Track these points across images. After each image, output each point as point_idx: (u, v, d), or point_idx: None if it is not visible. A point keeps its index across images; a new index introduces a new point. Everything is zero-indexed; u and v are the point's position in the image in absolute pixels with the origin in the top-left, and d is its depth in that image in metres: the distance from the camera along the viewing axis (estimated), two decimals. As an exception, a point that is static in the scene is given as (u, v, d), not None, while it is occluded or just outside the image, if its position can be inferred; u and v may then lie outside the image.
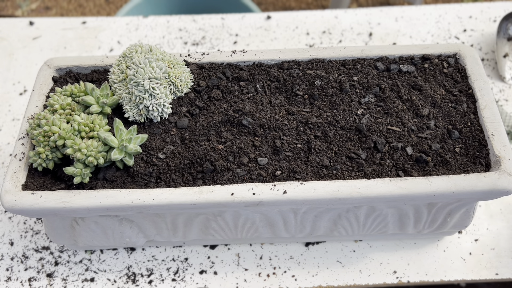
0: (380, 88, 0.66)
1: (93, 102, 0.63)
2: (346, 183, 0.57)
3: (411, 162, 0.60)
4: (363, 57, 0.70)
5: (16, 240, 0.74)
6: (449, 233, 0.70)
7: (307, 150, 0.61)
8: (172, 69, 0.65)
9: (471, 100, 0.66)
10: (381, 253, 0.72)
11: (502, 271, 0.70)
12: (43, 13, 1.90)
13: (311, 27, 1.00)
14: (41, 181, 0.60)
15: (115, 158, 0.57)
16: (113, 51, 0.97)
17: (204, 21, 1.02)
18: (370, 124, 0.62)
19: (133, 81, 0.62)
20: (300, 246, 0.73)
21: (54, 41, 0.99)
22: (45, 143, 0.58)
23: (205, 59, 0.70)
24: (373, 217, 0.64)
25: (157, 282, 0.70)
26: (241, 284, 0.70)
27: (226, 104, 0.65)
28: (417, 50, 0.70)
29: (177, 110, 0.65)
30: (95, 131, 0.59)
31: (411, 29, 0.99)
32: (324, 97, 0.66)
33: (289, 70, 0.69)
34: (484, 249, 0.72)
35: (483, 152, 0.61)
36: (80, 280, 0.70)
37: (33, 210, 0.56)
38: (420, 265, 0.71)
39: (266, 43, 0.98)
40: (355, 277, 0.70)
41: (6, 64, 0.96)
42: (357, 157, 0.60)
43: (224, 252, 0.73)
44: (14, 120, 0.87)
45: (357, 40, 0.98)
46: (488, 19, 1.01)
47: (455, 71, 0.68)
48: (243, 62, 0.70)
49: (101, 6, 1.93)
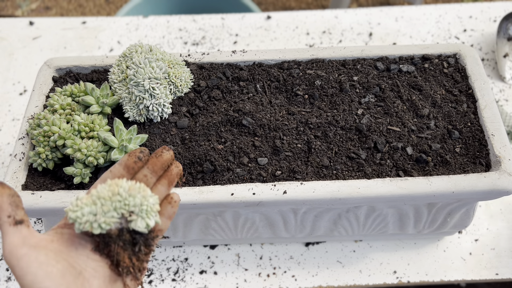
0: (380, 88, 0.66)
1: (93, 102, 0.63)
2: (346, 183, 0.57)
3: (411, 162, 0.60)
4: (363, 57, 0.70)
5: (16, 240, 0.73)
6: (449, 233, 0.70)
7: (307, 150, 0.61)
8: (172, 69, 0.65)
9: (471, 100, 0.66)
10: (381, 253, 0.72)
11: (502, 271, 0.70)
12: (43, 13, 1.90)
13: (311, 27, 1.00)
14: (41, 181, 0.60)
15: (115, 158, 0.57)
16: (113, 51, 0.97)
17: (204, 21, 1.02)
18: (370, 124, 0.62)
19: (133, 81, 0.62)
20: (300, 246, 0.73)
21: (54, 41, 0.99)
22: (45, 143, 0.58)
23: (205, 59, 0.70)
24: (373, 217, 0.64)
25: (157, 282, 0.70)
26: (241, 284, 0.70)
27: (226, 104, 0.65)
28: (417, 50, 0.70)
29: (177, 110, 0.65)
30: (95, 131, 0.59)
31: (411, 29, 0.99)
32: (324, 97, 0.66)
33: (289, 70, 0.69)
34: (484, 249, 0.72)
35: (483, 152, 0.61)
36: (80, 280, 0.70)
37: (33, 210, 0.56)
38: (420, 265, 0.71)
39: (266, 43, 0.98)
40: (355, 277, 0.70)
41: (6, 64, 0.96)
42: (357, 157, 0.60)
43: (224, 252, 0.73)
44: (14, 120, 0.87)
45: (357, 40, 0.98)
46: (488, 19, 1.01)
47: (455, 71, 0.68)
48: (243, 62, 0.70)
49: (101, 6, 1.93)
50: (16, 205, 0.40)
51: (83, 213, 0.40)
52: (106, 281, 0.41)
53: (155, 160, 0.45)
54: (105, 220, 0.40)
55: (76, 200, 0.41)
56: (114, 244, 0.41)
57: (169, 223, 0.45)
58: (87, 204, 0.40)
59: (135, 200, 0.40)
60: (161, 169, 0.46)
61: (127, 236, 0.41)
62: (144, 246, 0.42)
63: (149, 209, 0.41)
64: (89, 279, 0.40)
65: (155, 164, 0.45)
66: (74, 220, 0.40)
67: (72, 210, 0.40)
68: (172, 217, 0.45)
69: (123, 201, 0.40)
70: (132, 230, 0.41)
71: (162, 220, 0.44)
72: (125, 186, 0.41)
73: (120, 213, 0.40)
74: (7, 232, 0.39)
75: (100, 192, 0.41)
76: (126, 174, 0.44)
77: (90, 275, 0.40)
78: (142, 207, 0.41)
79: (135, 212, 0.40)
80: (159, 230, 0.44)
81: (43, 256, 0.39)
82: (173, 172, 0.46)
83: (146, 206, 0.41)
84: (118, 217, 0.40)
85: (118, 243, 0.41)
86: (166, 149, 0.46)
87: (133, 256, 0.42)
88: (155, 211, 0.42)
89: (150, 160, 0.45)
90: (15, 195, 0.41)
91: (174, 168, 0.46)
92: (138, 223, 0.40)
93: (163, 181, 0.45)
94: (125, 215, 0.40)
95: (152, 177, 0.45)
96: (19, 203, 0.41)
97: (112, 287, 0.41)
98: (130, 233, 0.42)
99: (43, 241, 0.40)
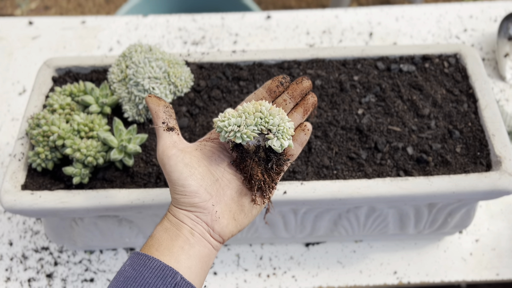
0: (381, 88, 0.66)
1: (93, 102, 0.63)
2: (347, 183, 0.57)
3: (412, 162, 0.60)
4: (364, 57, 0.70)
5: (16, 241, 0.73)
6: (450, 233, 0.70)
7: (308, 150, 0.61)
8: (172, 69, 0.65)
9: (471, 100, 0.65)
10: (382, 253, 0.72)
11: (502, 272, 0.70)
12: (42, 12, 1.90)
13: (311, 26, 1.00)
14: (41, 181, 0.59)
15: (114, 158, 0.57)
16: (112, 51, 0.97)
17: (204, 21, 1.01)
18: (370, 124, 0.62)
19: (133, 80, 0.62)
20: (300, 247, 0.73)
21: (53, 41, 0.99)
22: (45, 143, 0.58)
23: (205, 59, 0.70)
24: (374, 217, 0.63)
25: (157, 283, 0.70)
26: (241, 284, 0.70)
27: (226, 104, 0.65)
28: (417, 50, 0.70)
29: (177, 110, 0.65)
30: (95, 131, 0.59)
31: (412, 29, 0.99)
32: (325, 97, 0.66)
33: (289, 69, 0.68)
34: (485, 250, 0.72)
35: (483, 152, 0.60)
36: (80, 281, 0.70)
37: (32, 210, 0.56)
38: (421, 265, 0.71)
39: (266, 43, 0.97)
40: (355, 277, 0.70)
41: (6, 64, 0.96)
42: (357, 157, 0.60)
43: (224, 252, 0.72)
44: (14, 120, 0.87)
45: (358, 40, 0.97)
46: (489, 18, 1.00)
47: (455, 71, 0.68)
48: (243, 62, 0.69)
49: (101, 5, 1.92)
50: (170, 115, 0.47)
51: (230, 123, 0.44)
52: (238, 193, 0.46)
53: (295, 86, 0.49)
54: (247, 131, 0.44)
55: (224, 112, 0.45)
56: (250, 159, 0.46)
57: (300, 149, 0.49)
58: (233, 116, 0.45)
59: (274, 120, 0.44)
60: (299, 96, 0.49)
61: (262, 154, 0.46)
62: (276, 165, 0.46)
63: (285, 131, 0.45)
64: (224, 187, 0.46)
65: (295, 90, 0.49)
66: (221, 129, 0.45)
67: (220, 120, 0.45)
68: (304, 144, 0.49)
69: (264, 118, 0.44)
70: (268, 147, 0.46)
71: (295, 145, 0.48)
72: (267, 106, 0.45)
73: (260, 128, 0.45)
74: (161, 135, 0.46)
75: (246, 107, 0.45)
76: (267, 96, 0.48)
77: (225, 185, 0.46)
78: (279, 127, 0.45)
79: (273, 131, 0.44)
80: (291, 154, 0.48)
81: (188, 158, 0.45)
82: (309, 102, 0.50)
83: (283, 127, 0.45)
84: (258, 132, 0.45)
85: (254, 158, 0.46)
86: (306, 78, 0.50)
87: (265, 173, 0.46)
88: (290, 134, 0.45)
89: (291, 86, 0.49)
90: (169, 107, 0.48)
91: (310, 97, 0.50)
92: (274, 142, 0.44)
93: (299, 109, 0.49)
94: (264, 131, 0.45)
95: (291, 102, 0.49)
96: (172, 113, 0.48)
97: (241, 199, 0.46)
98: (265, 151, 0.46)
99: (189, 148, 0.46)
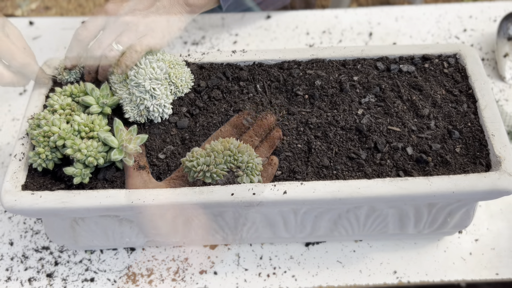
0: (381, 88, 0.66)
1: (93, 102, 0.63)
2: (346, 183, 0.57)
3: (412, 162, 0.60)
4: (363, 57, 0.70)
5: (16, 240, 0.73)
6: (449, 233, 0.70)
7: (307, 150, 0.61)
8: (172, 70, 0.65)
9: (471, 100, 0.66)
10: (381, 253, 0.72)
11: (502, 271, 0.70)
12: (42, 13, 1.90)
13: (311, 26, 1.00)
14: (41, 181, 0.60)
15: (115, 158, 0.57)
16: (113, 51, 0.97)
17: (204, 21, 1.01)
18: (370, 124, 0.62)
19: (134, 81, 0.62)
20: (300, 246, 0.73)
21: (53, 41, 0.99)
22: (45, 143, 0.58)
23: (205, 59, 0.70)
24: (373, 217, 0.64)
25: (157, 282, 0.70)
26: (241, 284, 0.70)
27: (226, 104, 0.65)
28: (417, 50, 0.70)
29: (177, 111, 0.65)
30: (95, 131, 0.59)
31: (411, 29, 0.99)
32: (324, 97, 0.66)
33: (289, 70, 0.68)
34: (485, 249, 0.72)
35: (483, 152, 0.61)
36: (80, 280, 0.70)
37: (33, 210, 0.56)
38: (420, 265, 0.71)
39: (266, 43, 0.97)
40: (355, 277, 0.70)
41: (6, 64, 0.96)
42: (357, 157, 0.60)
43: (224, 252, 0.73)
44: (14, 120, 0.87)
45: (357, 40, 0.97)
46: (488, 18, 1.00)
47: (455, 71, 0.68)
48: (243, 62, 0.70)
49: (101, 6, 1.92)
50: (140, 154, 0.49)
51: (198, 163, 0.44)
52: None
53: (260, 123, 0.51)
54: (217, 171, 0.44)
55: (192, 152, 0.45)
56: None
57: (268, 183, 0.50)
58: (202, 155, 0.45)
59: (243, 157, 0.45)
60: (264, 132, 0.51)
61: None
62: None
63: (254, 167, 0.45)
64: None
65: (260, 127, 0.51)
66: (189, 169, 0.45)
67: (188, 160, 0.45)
68: (271, 178, 0.50)
69: (233, 156, 0.45)
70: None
71: (263, 180, 0.49)
72: (236, 143, 0.45)
73: (229, 166, 0.45)
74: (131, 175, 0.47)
75: (214, 146, 0.45)
76: (234, 132, 0.50)
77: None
78: (248, 164, 0.45)
79: (242, 168, 0.45)
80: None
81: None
82: (274, 136, 0.52)
83: (252, 163, 0.45)
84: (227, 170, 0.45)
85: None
86: (270, 113, 0.52)
87: None
88: (258, 170, 0.46)
89: (256, 123, 0.51)
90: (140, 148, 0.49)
91: (275, 133, 0.52)
92: (244, 179, 0.45)
93: (265, 144, 0.50)
94: (233, 169, 0.45)
95: (257, 139, 0.50)
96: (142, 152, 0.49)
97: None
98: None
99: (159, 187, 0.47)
